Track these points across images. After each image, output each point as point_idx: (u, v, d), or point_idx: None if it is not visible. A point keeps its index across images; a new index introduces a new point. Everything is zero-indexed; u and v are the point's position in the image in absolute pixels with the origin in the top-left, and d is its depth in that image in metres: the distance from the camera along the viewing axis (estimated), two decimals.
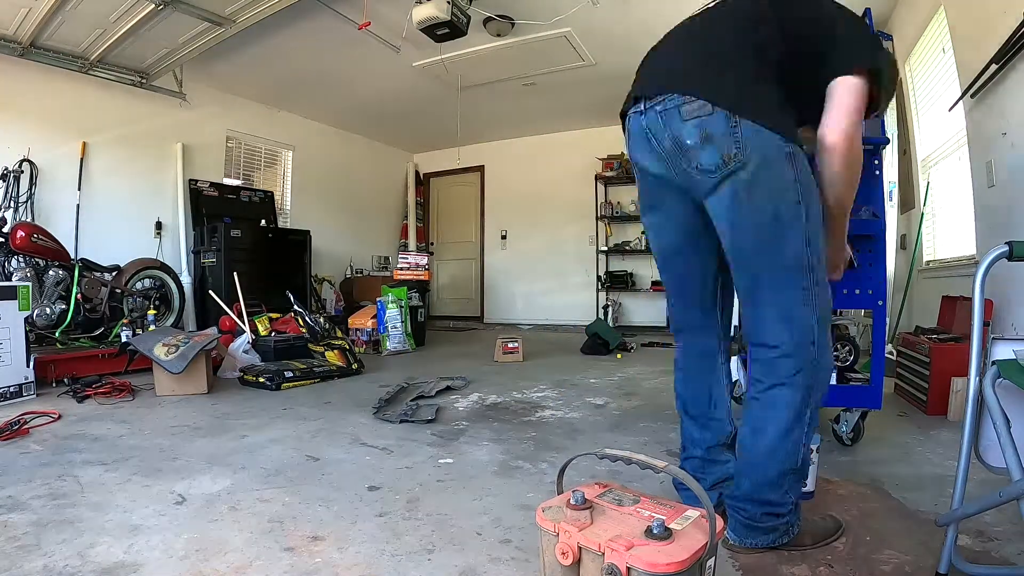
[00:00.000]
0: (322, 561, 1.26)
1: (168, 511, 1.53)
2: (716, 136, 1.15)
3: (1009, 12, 2.41)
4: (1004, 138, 2.59)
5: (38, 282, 3.74)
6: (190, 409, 2.78)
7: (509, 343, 4.58)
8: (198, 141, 5.60)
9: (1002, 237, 1.38)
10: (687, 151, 1.19)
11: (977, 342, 1.13)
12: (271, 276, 5.27)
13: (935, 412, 2.59)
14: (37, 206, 4.39)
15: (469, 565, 1.25)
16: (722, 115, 1.15)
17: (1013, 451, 1.04)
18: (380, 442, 2.23)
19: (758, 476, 1.25)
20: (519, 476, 1.85)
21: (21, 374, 2.91)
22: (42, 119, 4.49)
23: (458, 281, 8.42)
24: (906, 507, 1.57)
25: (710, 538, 0.86)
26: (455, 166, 7.85)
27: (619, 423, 2.57)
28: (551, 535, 0.93)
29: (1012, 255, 1.08)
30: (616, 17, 4.29)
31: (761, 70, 1.20)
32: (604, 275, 7.20)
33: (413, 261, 5.85)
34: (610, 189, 7.26)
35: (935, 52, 3.47)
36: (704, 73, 1.21)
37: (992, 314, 2.65)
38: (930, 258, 3.86)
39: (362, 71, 5.39)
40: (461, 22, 3.82)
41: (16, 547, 1.30)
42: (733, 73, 1.20)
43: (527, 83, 5.73)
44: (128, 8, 3.76)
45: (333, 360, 3.85)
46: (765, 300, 1.24)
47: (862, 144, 1.26)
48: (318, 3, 3.99)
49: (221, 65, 5.09)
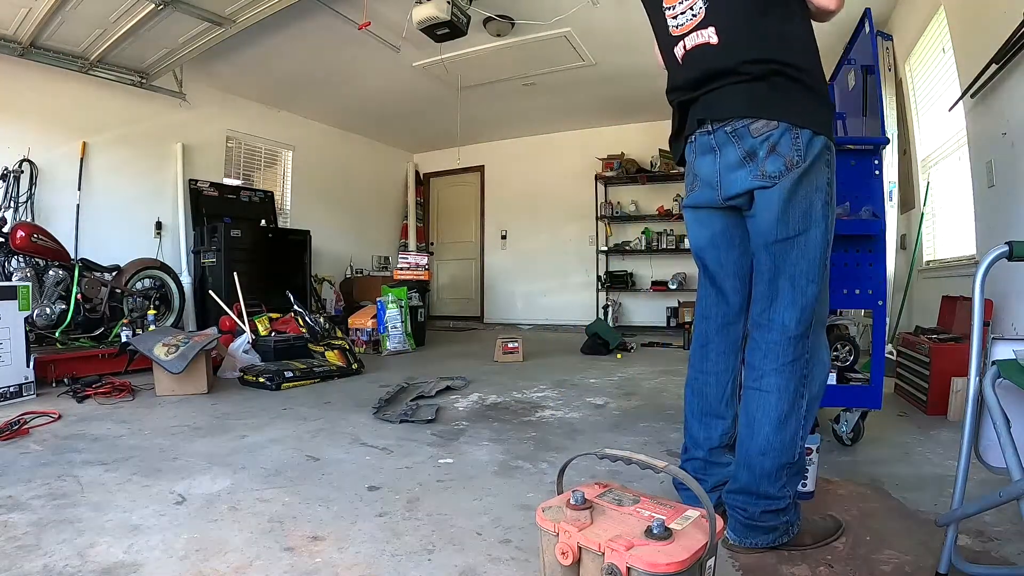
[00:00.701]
0: (322, 561, 1.26)
1: (168, 511, 1.53)
2: (780, 146, 1.27)
3: (1009, 12, 2.41)
4: (1004, 138, 2.59)
5: (38, 282, 3.74)
6: (190, 409, 2.78)
7: (509, 343, 4.58)
8: (198, 141, 5.60)
9: (1002, 237, 1.38)
10: (758, 162, 1.28)
11: (977, 342, 1.13)
12: (271, 276, 5.27)
13: (935, 412, 2.59)
14: (37, 206, 4.39)
15: (469, 565, 1.25)
16: (785, 127, 1.26)
17: (1013, 451, 1.04)
18: (380, 442, 2.23)
19: (755, 468, 1.29)
20: (519, 476, 1.85)
21: (21, 374, 2.91)
22: (42, 119, 4.49)
23: (458, 281, 8.42)
24: (906, 507, 1.57)
25: (710, 538, 0.86)
26: (455, 166, 7.85)
27: (619, 423, 2.57)
28: (551, 535, 0.93)
29: (1012, 255, 1.08)
30: (616, 17, 4.28)
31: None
32: (604, 275, 7.20)
33: (413, 261, 5.85)
34: (610, 189, 7.26)
35: (935, 52, 3.47)
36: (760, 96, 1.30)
37: (992, 314, 2.65)
38: (930, 258, 3.87)
39: (362, 71, 5.39)
40: (461, 22, 3.82)
41: (16, 547, 1.30)
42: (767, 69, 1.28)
43: (527, 83, 5.73)
44: (128, 8, 3.76)
45: (333, 360, 3.85)
46: (783, 287, 1.31)
47: None
48: (318, 3, 3.99)
49: (221, 65, 5.10)
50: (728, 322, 1.48)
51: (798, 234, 1.28)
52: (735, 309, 1.48)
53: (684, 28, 1.37)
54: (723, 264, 1.46)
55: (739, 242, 1.42)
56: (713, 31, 1.31)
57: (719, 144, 1.33)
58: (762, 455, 1.28)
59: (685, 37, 1.37)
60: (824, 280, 1.31)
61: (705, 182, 1.39)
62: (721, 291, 1.48)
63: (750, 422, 1.32)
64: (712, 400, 1.48)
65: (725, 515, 1.34)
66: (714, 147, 1.34)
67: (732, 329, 1.49)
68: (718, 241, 1.44)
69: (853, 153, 2.16)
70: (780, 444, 1.28)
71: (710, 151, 1.35)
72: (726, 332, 1.49)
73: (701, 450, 1.48)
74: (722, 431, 1.46)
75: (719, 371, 1.48)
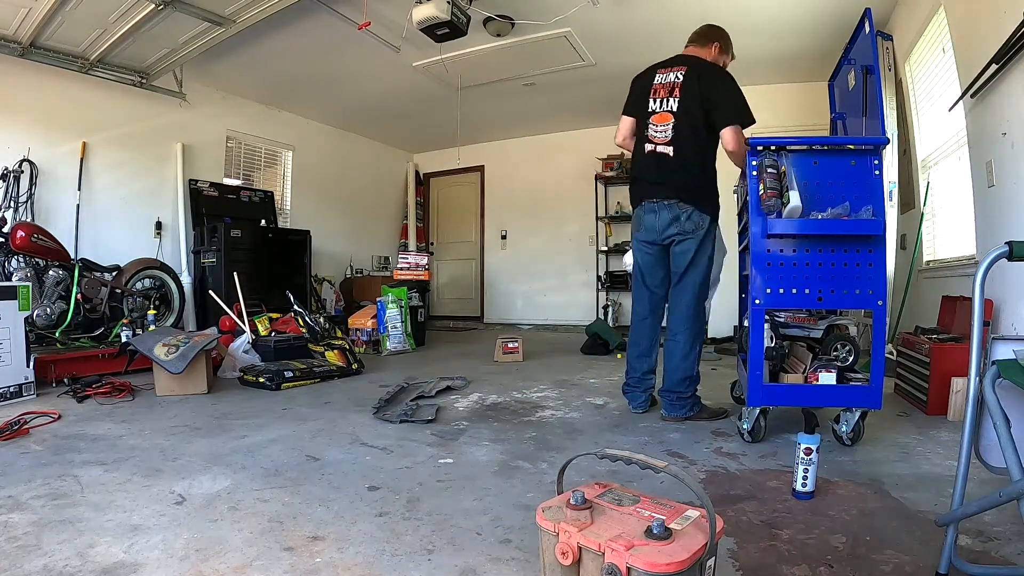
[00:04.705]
0: (322, 561, 1.26)
1: (168, 511, 1.53)
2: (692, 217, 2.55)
3: (1009, 12, 2.41)
4: (1004, 138, 2.59)
5: (38, 282, 3.74)
6: (190, 409, 2.78)
7: (509, 343, 4.58)
8: (198, 141, 5.60)
9: (1002, 237, 1.38)
10: (681, 223, 2.54)
11: (977, 342, 1.13)
12: (271, 276, 5.27)
13: (935, 412, 2.59)
14: (37, 206, 4.39)
15: (469, 565, 1.25)
16: (693, 209, 2.53)
17: (1013, 451, 1.04)
18: (380, 442, 2.23)
19: (671, 377, 2.57)
20: (519, 476, 1.85)
21: (21, 374, 2.91)
22: (42, 119, 4.49)
23: (458, 281, 8.42)
24: (906, 507, 1.57)
25: (710, 538, 0.86)
26: (455, 166, 7.85)
27: (619, 423, 2.57)
28: (551, 535, 0.93)
29: (1012, 255, 1.08)
30: (616, 17, 4.29)
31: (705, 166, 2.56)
32: (604, 275, 7.19)
33: (413, 261, 5.84)
34: (610, 189, 7.26)
35: (935, 52, 3.47)
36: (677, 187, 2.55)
37: (992, 314, 2.65)
38: (930, 258, 3.86)
39: (362, 71, 5.39)
40: (461, 22, 3.82)
41: (16, 547, 1.30)
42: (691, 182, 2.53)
43: (527, 83, 5.72)
44: (128, 8, 3.76)
45: (333, 360, 3.85)
46: (685, 291, 2.59)
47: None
48: (318, 3, 3.99)
49: (221, 65, 5.09)
50: (654, 307, 2.72)
51: (696, 262, 2.56)
52: (657, 299, 2.71)
53: (658, 140, 2.57)
54: (655, 274, 2.69)
55: (664, 263, 2.66)
56: (672, 150, 2.53)
57: (659, 210, 2.57)
58: (675, 371, 2.55)
59: (657, 145, 2.57)
60: (705, 282, 2.60)
61: (648, 228, 2.62)
62: (650, 289, 2.71)
63: (670, 357, 2.58)
64: (644, 348, 2.71)
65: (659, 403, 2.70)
66: (656, 211, 2.58)
67: (656, 310, 2.72)
68: (654, 261, 2.67)
69: (853, 153, 2.16)
70: (684, 367, 2.55)
71: (654, 212, 2.59)
72: (653, 312, 2.72)
73: (637, 374, 2.71)
74: (648, 365, 2.71)
75: (649, 333, 2.72)
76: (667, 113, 2.53)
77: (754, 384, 2.13)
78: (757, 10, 4.21)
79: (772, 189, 2.06)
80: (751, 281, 2.16)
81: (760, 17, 4.30)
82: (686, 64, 2.56)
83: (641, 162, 2.63)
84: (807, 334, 2.46)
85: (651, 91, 2.60)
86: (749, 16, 4.26)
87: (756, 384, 2.13)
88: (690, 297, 2.57)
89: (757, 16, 4.28)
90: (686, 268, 2.56)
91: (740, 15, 4.22)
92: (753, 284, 2.14)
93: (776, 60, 5.06)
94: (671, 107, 2.53)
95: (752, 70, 4.94)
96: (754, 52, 4.68)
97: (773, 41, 4.69)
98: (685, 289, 2.58)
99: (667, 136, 2.52)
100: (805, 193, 2.06)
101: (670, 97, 2.54)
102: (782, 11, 4.23)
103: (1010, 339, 1.15)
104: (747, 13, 4.22)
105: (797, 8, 4.19)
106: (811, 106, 5.09)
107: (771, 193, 2.06)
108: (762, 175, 2.09)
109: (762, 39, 4.62)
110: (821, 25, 4.37)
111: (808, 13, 4.24)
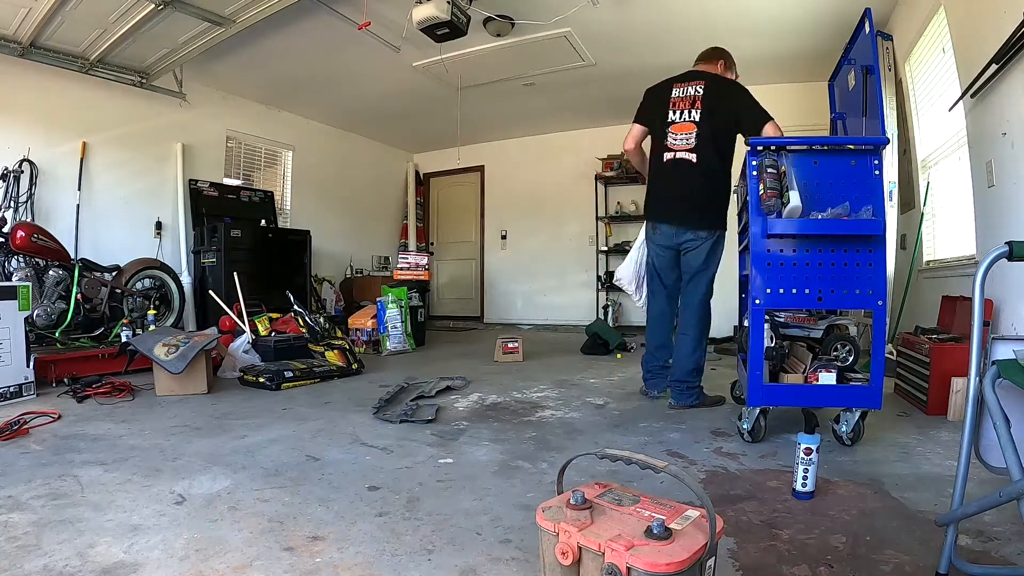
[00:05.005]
0: (322, 561, 1.26)
1: (168, 511, 1.53)
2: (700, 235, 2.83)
3: (1009, 12, 2.41)
4: (1004, 138, 2.59)
5: (38, 282, 3.74)
6: (190, 409, 2.78)
7: (509, 343, 4.58)
8: (198, 141, 5.60)
9: (1002, 237, 1.38)
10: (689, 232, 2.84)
11: (977, 342, 1.13)
12: (271, 276, 5.27)
13: (935, 412, 2.59)
14: (37, 206, 4.39)
15: (469, 565, 1.25)
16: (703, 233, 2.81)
17: (1013, 451, 1.04)
18: (380, 442, 2.23)
19: (682, 368, 2.81)
20: (519, 476, 1.85)
21: (21, 374, 2.91)
22: (42, 119, 4.48)
23: (458, 281, 8.41)
24: (906, 507, 1.57)
25: (710, 538, 0.86)
26: (455, 166, 7.85)
27: (619, 423, 2.57)
28: (551, 535, 0.93)
29: (1012, 255, 1.08)
30: (616, 17, 4.28)
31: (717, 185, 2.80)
32: (604, 275, 7.19)
33: (413, 261, 5.84)
34: (610, 189, 7.26)
35: (935, 52, 3.47)
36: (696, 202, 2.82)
37: (992, 314, 2.65)
38: (930, 258, 3.86)
39: (362, 71, 5.39)
40: (461, 22, 3.82)
41: (16, 547, 1.30)
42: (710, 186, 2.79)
43: (527, 83, 5.72)
44: (128, 8, 3.76)
45: (333, 360, 3.85)
46: (697, 289, 2.87)
47: None
48: (318, 3, 3.99)
49: (221, 65, 5.09)
50: (671, 303, 3.00)
51: (706, 266, 2.84)
52: (674, 295, 2.98)
53: (679, 147, 2.78)
54: (670, 274, 2.96)
55: (677, 265, 2.93)
56: (695, 156, 2.74)
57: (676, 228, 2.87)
58: (686, 363, 2.81)
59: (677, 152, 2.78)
60: (711, 282, 2.86)
61: (664, 234, 2.88)
62: (666, 287, 2.98)
63: (680, 349, 2.85)
64: (663, 340, 3.01)
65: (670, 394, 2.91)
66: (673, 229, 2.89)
67: (673, 305, 3.00)
68: (669, 263, 2.94)
69: (853, 153, 2.16)
70: (692, 359, 2.80)
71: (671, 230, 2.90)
72: (670, 307, 3.01)
73: (659, 363, 3.01)
74: (665, 356, 2.99)
75: (664, 327, 3.02)
76: (690, 123, 2.75)
77: (754, 384, 2.13)
78: (757, 10, 4.21)
79: (772, 189, 2.06)
80: (751, 281, 2.15)
81: (760, 17, 4.30)
82: (703, 79, 2.79)
83: (659, 171, 2.85)
84: (807, 334, 2.46)
85: (670, 103, 2.82)
86: (749, 16, 4.26)
87: (756, 384, 2.13)
88: (701, 295, 2.86)
89: (757, 16, 4.28)
90: (698, 269, 2.83)
91: (740, 15, 4.22)
92: (753, 284, 2.14)
93: (776, 60, 5.06)
94: (694, 117, 2.75)
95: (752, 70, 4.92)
96: (754, 52, 4.68)
97: (773, 41, 4.69)
98: (697, 288, 2.86)
99: (690, 143, 2.75)
100: (805, 193, 2.06)
101: (692, 109, 2.76)
102: (782, 11, 4.23)
103: (1010, 339, 1.15)
104: (747, 13, 4.22)
105: (797, 8, 4.19)
106: (811, 106, 5.10)
107: (771, 193, 2.06)
108: (762, 175, 2.09)
109: (762, 39, 4.62)
110: (821, 25, 4.37)
111: (808, 13, 4.24)
